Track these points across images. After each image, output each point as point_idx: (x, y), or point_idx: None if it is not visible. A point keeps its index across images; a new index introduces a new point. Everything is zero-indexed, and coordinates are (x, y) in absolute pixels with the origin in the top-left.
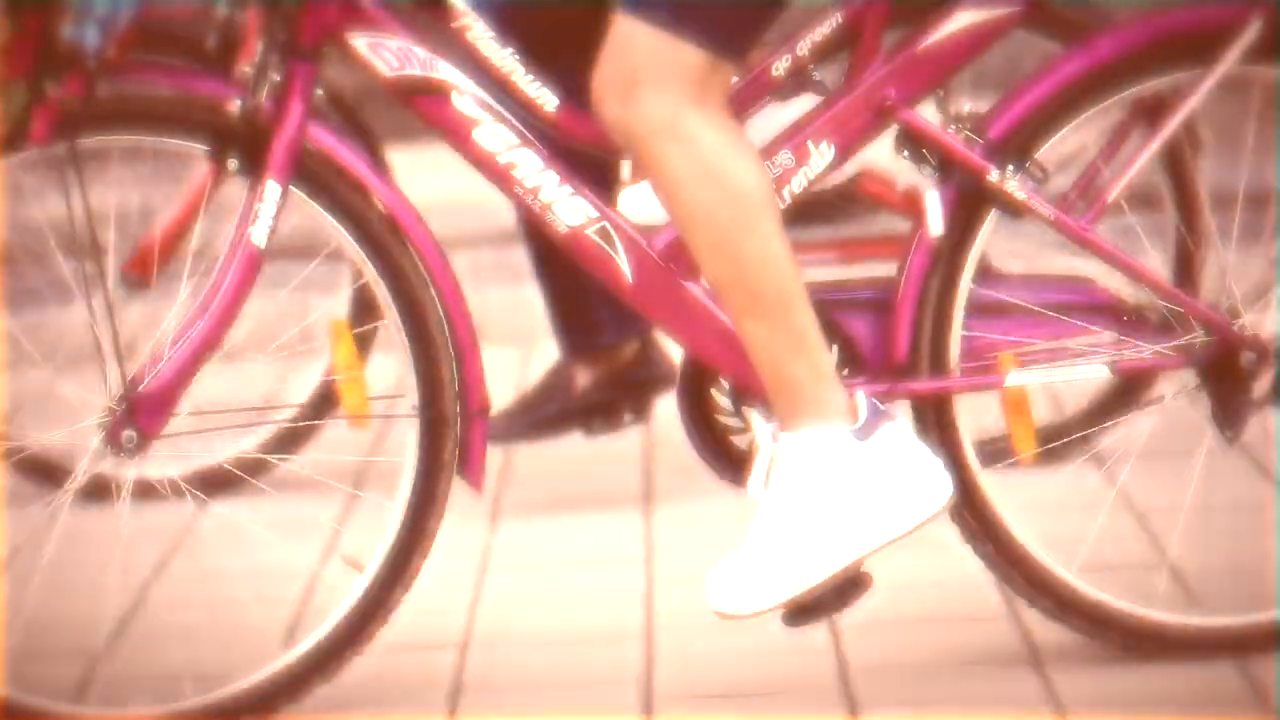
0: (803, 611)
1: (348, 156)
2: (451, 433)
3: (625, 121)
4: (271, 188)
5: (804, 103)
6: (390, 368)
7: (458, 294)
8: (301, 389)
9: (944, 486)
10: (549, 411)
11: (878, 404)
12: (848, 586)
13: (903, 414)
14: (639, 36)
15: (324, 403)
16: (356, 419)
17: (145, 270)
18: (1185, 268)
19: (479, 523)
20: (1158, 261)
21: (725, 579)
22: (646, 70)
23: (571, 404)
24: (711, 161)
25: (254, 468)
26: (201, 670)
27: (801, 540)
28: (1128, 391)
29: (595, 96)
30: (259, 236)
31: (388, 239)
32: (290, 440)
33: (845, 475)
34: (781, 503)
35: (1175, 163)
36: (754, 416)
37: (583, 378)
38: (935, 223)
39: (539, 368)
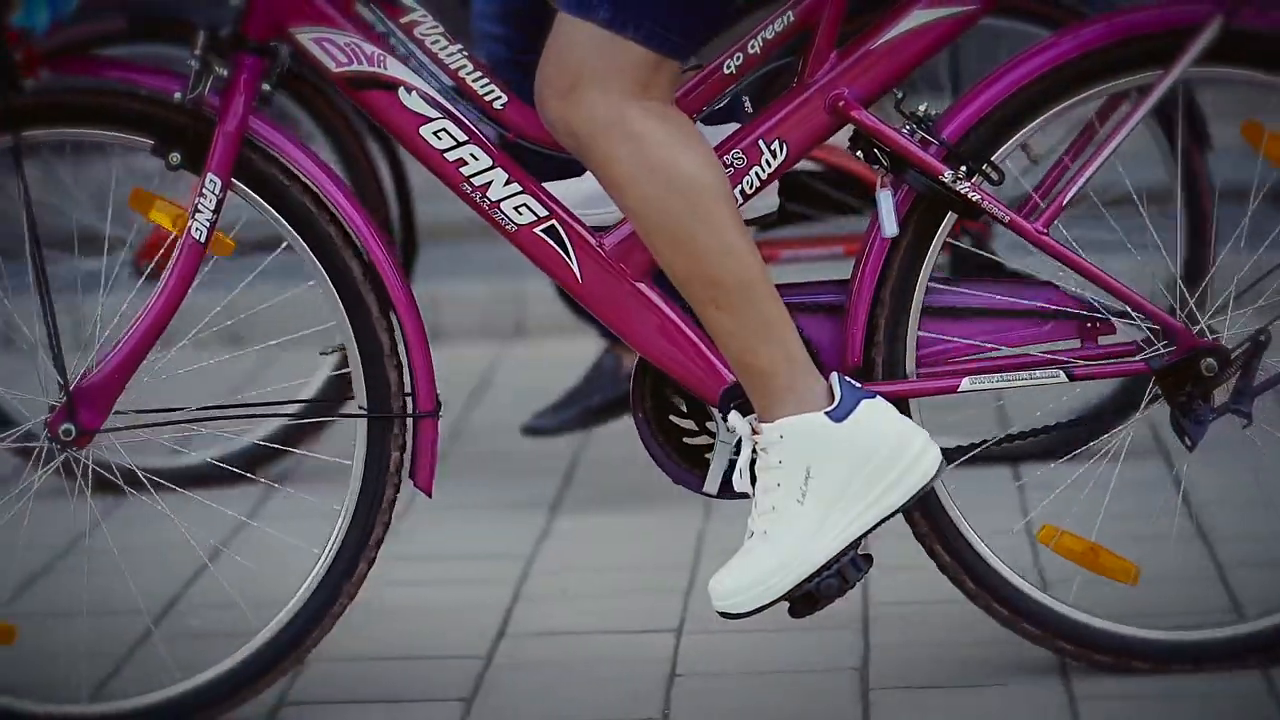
0: (807, 601)
1: (292, 151)
2: (399, 435)
3: (568, 120)
4: (211, 182)
5: (729, 130)
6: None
7: (407, 294)
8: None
9: (931, 455)
10: (597, 400)
11: (854, 383)
12: (848, 568)
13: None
14: (581, 35)
15: (333, 395)
16: (221, 249)
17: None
18: (1195, 266)
19: (694, 509)
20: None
21: (726, 579)
22: (589, 69)
23: (619, 390)
24: (658, 156)
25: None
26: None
27: (794, 530)
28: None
29: (538, 95)
30: (198, 231)
31: (331, 237)
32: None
33: (830, 459)
34: (770, 495)
35: (1186, 161)
36: (733, 417)
37: (628, 362)
38: (889, 224)
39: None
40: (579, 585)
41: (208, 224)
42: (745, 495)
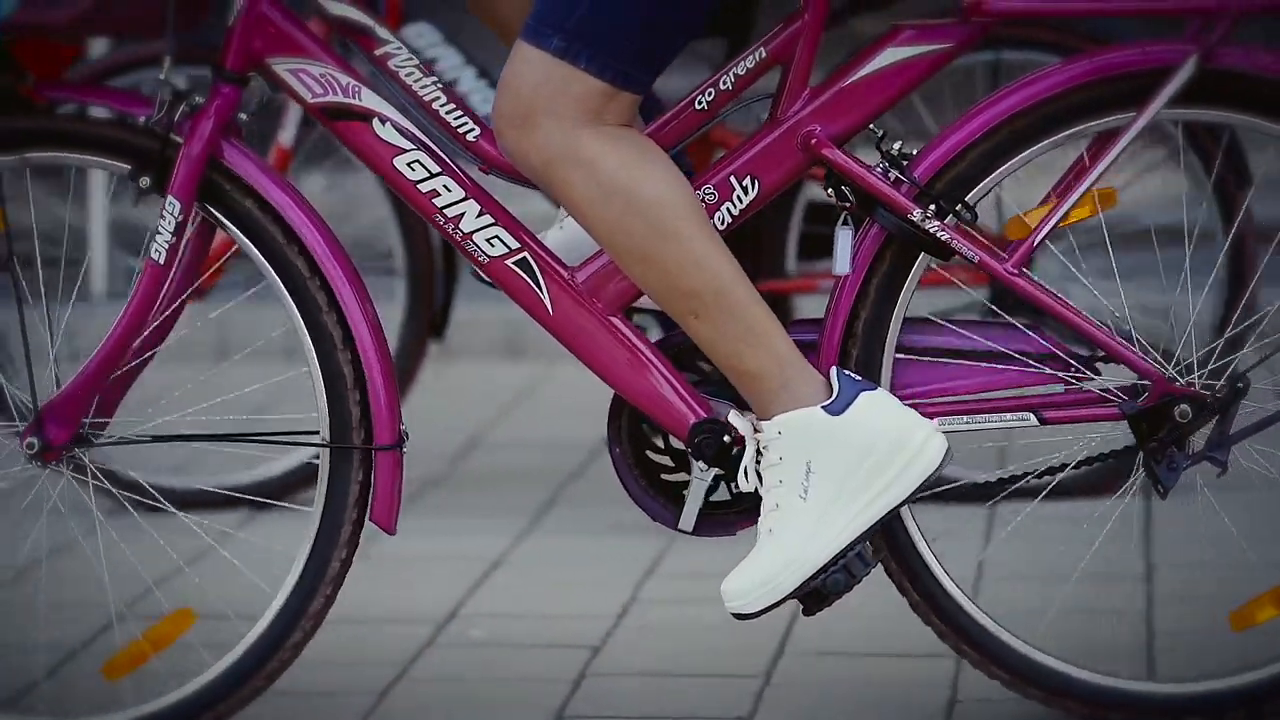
0: (816, 598)
1: (262, 179)
2: (359, 468)
3: (523, 151)
4: (170, 204)
5: None
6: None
7: (373, 324)
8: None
9: (935, 446)
10: None
11: (852, 375)
12: (855, 563)
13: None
14: (534, 65)
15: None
16: None
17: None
18: (1232, 302)
19: (976, 528)
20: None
21: (736, 580)
22: (542, 99)
23: None
24: (615, 179)
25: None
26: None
27: (798, 527)
28: None
29: (495, 127)
30: (157, 253)
31: (296, 264)
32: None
33: (830, 453)
34: (773, 494)
35: (1224, 198)
36: (733, 415)
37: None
38: (842, 263)
39: None
40: (858, 605)
41: (167, 246)
42: (719, 534)
